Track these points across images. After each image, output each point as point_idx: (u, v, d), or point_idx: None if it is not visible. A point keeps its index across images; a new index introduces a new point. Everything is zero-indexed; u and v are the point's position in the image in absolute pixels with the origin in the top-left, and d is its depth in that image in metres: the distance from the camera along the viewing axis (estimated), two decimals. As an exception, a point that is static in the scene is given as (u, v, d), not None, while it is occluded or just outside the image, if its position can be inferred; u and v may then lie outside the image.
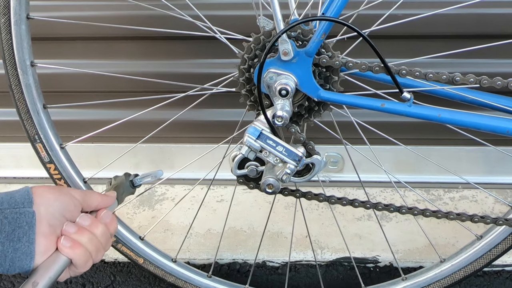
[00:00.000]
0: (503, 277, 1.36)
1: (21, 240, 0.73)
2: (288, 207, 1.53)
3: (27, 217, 0.74)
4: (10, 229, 0.72)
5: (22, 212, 0.74)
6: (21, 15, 0.97)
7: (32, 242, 0.74)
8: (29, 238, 0.74)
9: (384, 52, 0.87)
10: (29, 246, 0.74)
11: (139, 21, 1.39)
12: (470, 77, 0.90)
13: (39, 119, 1.07)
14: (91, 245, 0.79)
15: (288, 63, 0.90)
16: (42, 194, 0.77)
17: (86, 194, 0.84)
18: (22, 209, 0.74)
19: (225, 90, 1.07)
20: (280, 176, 0.91)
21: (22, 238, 0.73)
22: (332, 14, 0.88)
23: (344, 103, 0.94)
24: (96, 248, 0.80)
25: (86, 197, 0.84)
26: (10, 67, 1.00)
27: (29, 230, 0.74)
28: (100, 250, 0.82)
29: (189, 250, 1.41)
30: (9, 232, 0.72)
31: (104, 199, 0.88)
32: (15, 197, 0.75)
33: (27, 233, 0.73)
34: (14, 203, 0.74)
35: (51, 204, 0.77)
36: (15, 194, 0.75)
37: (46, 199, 0.77)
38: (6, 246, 0.72)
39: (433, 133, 1.52)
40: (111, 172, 1.13)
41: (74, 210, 0.80)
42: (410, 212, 1.05)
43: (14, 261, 0.73)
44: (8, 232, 0.72)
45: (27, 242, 0.73)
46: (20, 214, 0.73)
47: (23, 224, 0.73)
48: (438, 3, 1.33)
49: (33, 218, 0.74)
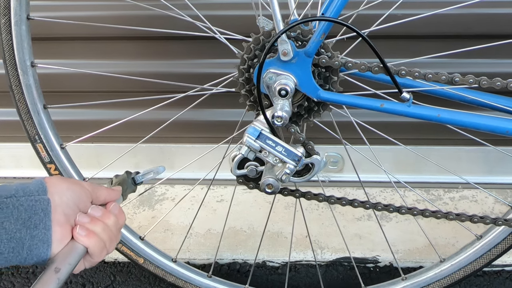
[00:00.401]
0: (503, 277, 1.36)
1: (38, 227, 0.73)
2: (288, 207, 1.53)
3: (42, 204, 0.74)
4: (26, 216, 0.72)
5: (38, 200, 0.74)
6: (22, 15, 0.98)
7: (48, 229, 0.74)
8: (46, 225, 0.74)
9: (383, 52, 0.87)
10: (46, 233, 0.74)
11: (138, 21, 1.39)
12: (470, 77, 0.90)
13: (39, 119, 1.07)
14: (104, 234, 0.80)
15: (287, 63, 0.90)
16: (56, 183, 0.78)
17: (95, 187, 0.86)
18: (37, 197, 0.74)
19: (225, 90, 1.08)
20: (279, 176, 0.91)
21: (38, 225, 0.73)
22: (331, 15, 0.88)
23: (343, 103, 0.94)
24: (109, 238, 0.81)
25: (95, 189, 0.85)
26: (10, 67, 1.01)
27: (45, 217, 0.74)
28: (113, 240, 0.82)
29: (189, 250, 1.41)
30: (26, 219, 0.72)
31: (111, 193, 0.89)
32: (29, 186, 0.75)
33: (43, 220, 0.74)
34: (29, 191, 0.74)
35: (65, 193, 0.77)
36: (29, 184, 0.76)
37: (59, 188, 0.77)
38: (23, 233, 0.72)
39: (433, 133, 1.52)
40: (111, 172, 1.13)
41: (86, 201, 0.81)
42: (410, 212, 1.05)
43: (32, 249, 0.72)
44: (24, 219, 0.72)
45: (44, 229, 0.73)
46: (36, 201, 0.74)
47: (38, 211, 0.73)
48: (437, 3, 1.33)
49: (49, 205, 0.74)
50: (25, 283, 1.38)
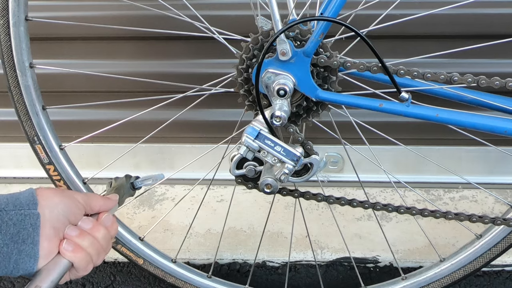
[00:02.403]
0: (503, 277, 1.36)
1: (26, 242, 0.73)
2: (288, 207, 1.53)
3: (32, 219, 0.74)
4: (15, 230, 0.72)
5: (27, 214, 0.74)
6: (20, 16, 0.97)
7: (36, 244, 0.74)
8: (33, 240, 0.74)
9: (382, 52, 0.87)
10: (33, 248, 0.74)
11: (137, 22, 1.39)
12: (468, 77, 0.90)
13: (38, 120, 1.07)
14: (92, 248, 0.80)
15: (286, 63, 0.90)
16: (47, 196, 0.77)
17: (89, 197, 0.85)
18: (27, 211, 0.74)
19: (224, 90, 1.08)
20: (278, 176, 0.91)
21: (26, 240, 0.73)
22: (330, 14, 0.88)
23: (342, 103, 0.94)
24: (97, 252, 0.81)
25: (89, 200, 0.84)
26: (9, 68, 1.00)
27: (33, 232, 0.74)
28: (101, 253, 0.82)
29: (189, 250, 1.41)
30: (14, 233, 0.72)
31: (106, 202, 0.88)
32: (20, 198, 0.75)
33: (31, 235, 0.74)
34: (19, 204, 0.74)
35: (56, 207, 0.77)
36: (20, 196, 0.76)
37: (50, 202, 0.77)
38: (10, 247, 0.72)
39: (433, 133, 1.52)
40: (111, 172, 1.14)
41: (78, 213, 0.81)
42: (408, 212, 1.05)
43: (18, 263, 0.73)
44: (13, 233, 0.72)
45: (31, 244, 0.74)
46: (25, 216, 0.74)
47: (27, 226, 0.73)
48: (436, 3, 1.32)
49: (38, 220, 0.74)
50: (25, 283, 1.38)
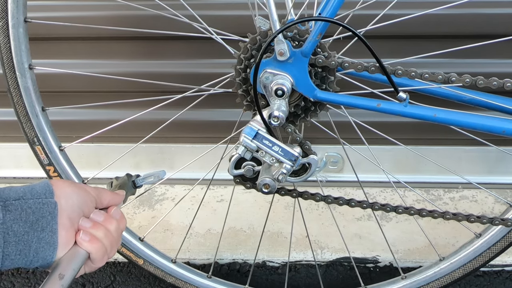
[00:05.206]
0: (503, 277, 1.36)
1: (45, 230, 0.73)
2: (288, 207, 1.53)
3: (49, 207, 0.74)
4: (34, 218, 0.72)
5: (45, 202, 0.74)
6: (19, 18, 0.98)
7: (55, 232, 0.74)
8: (52, 228, 0.74)
9: (380, 52, 0.87)
10: (52, 236, 0.74)
11: (135, 22, 1.40)
12: (466, 77, 0.90)
13: (38, 121, 1.07)
14: (106, 240, 0.80)
15: (284, 63, 0.90)
16: (62, 187, 0.78)
17: (100, 191, 0.86)
18: (44, 200, 0.74)
19: (222, 90, 1.08)
20: (276, 176, 0.91)
21: (45, 228, 0.73)
22: (328, 14, 0.88)
23: (340, 103, 0.94)
24: (111, 243, 0.81)
25: (100, 194, 0.85)
26: (8, 70, 1.01)
27: (51, 220, 0.74)
28: (114, 245, 0.82)
29: (189, 250, 1.41)
30: (34, 221, 0.72)
31: (115, 197, 0.89)
32: (36, 188, 0.75)
33: (50, 223, 0.74)
34: (37, 194, 0.74)
35: (71, 197, 0.77)
36: (35, 186, 0.76)
37: (65, 192, 0.77)
38: (30, 235, 0.72)
39: (432, 133, 1.52)
40: (111, 172, 1.14)
41: (91, 206, 0.81)
42: (407, 212, 1.05)
43: (38, 252, 0.73)
44: (32, 221, 0.72)
45: (50, 232, 0.74)
46: (43, 204, 0.74)
47: (46, 214, 0.73)
48: (435, 3, 1.32)
49: (55, 208, 0.75)
50: (25, 283, 1.39)
